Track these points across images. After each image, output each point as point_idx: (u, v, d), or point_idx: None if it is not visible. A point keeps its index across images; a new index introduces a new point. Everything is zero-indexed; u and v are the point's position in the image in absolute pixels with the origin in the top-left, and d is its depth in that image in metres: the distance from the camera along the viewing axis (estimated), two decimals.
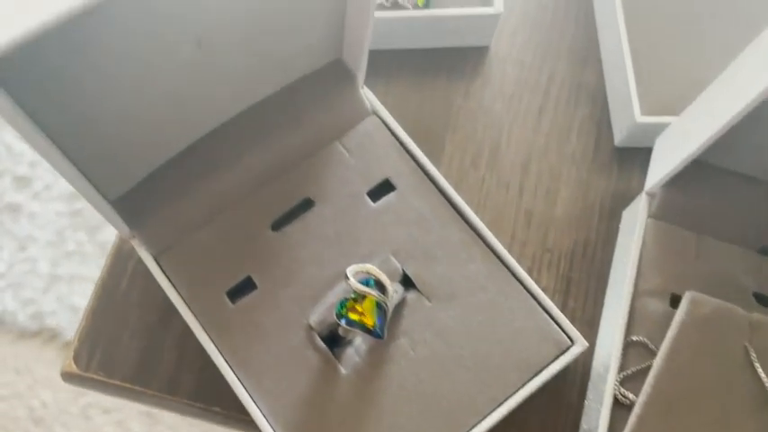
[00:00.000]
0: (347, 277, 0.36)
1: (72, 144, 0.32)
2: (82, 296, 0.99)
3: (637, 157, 0.47)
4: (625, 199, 0.46)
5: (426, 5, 0.47)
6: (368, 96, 0.44)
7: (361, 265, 0.37)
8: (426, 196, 0.41)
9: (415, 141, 0.43)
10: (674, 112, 0.43)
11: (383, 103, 0.44)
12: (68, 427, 0.92)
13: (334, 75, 0.42)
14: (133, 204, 0.38)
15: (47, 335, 0.97)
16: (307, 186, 0.41)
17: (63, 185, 1.05)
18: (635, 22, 0.47)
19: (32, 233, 1.02)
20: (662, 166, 0.41)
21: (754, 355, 0.36)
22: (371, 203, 0.41)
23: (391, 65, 0.50)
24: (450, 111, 0.49)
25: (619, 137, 0.47)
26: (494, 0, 0.47)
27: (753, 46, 0.35)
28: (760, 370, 0.36)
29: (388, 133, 0.43)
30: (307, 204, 0.41)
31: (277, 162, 0.41)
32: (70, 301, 0.98)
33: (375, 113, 0.43)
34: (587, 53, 0.50)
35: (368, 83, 0.44)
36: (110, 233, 1.00)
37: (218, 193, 0.40)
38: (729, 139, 0.37)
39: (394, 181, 0.42)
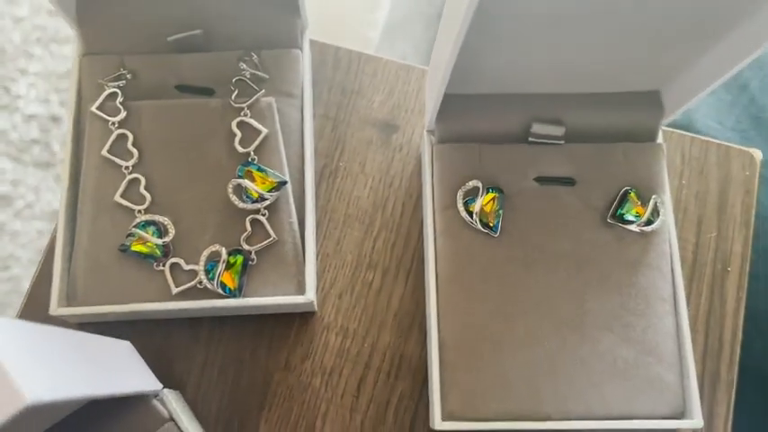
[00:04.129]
0: None
1: None
2: None
3: None
4: None
5: (239, 287, 0.45)
6: (165, 401, 0.42)
7: None
8: None
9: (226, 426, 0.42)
10: (480, 412, 0.43)
11: (199, 376, 0.43)
12: None
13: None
14: None
15: None
16: None
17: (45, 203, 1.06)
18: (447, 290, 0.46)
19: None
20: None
21: None
22: None
23: (213, 330, 0.49)
24: (269, 386, 0.48)
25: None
26: (306, 285, 0.45)
27: None
28: None
29: None
30: None
31: None
32: None
33: (173, 421, 0.42)
34: (413, 320, 0.50)
35: (185, 350, 0.43)
36: None
37: None
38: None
39: None
